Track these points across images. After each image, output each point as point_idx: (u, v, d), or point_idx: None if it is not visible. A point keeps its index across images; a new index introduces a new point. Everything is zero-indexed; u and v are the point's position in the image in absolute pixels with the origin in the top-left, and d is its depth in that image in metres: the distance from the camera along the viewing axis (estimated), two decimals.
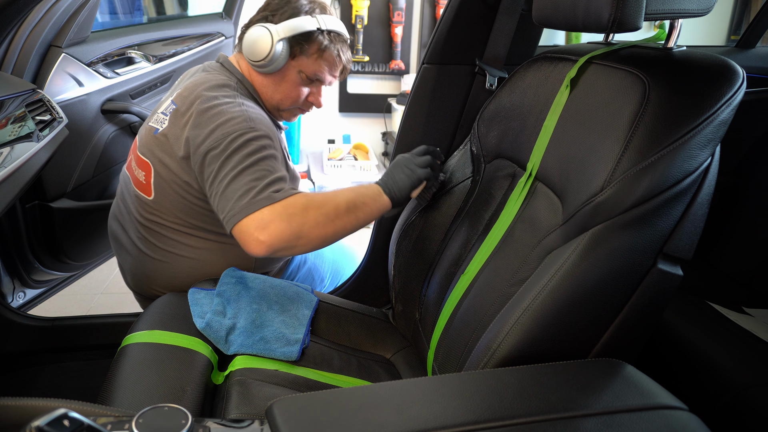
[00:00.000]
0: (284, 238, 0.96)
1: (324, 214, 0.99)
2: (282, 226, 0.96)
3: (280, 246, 0.97)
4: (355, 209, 1.03)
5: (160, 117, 1.16)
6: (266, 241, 0.96)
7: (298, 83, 1.21)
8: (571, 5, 0.77)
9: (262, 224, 0.96)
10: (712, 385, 1.04)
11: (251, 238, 0.96)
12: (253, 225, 0.96)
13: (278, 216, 0.96)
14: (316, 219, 0.98)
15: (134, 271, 1.25)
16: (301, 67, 1.19)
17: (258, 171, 1.01)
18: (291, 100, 1.23)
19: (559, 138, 0.87)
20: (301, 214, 0.98)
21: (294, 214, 0.97)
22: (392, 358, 1.17)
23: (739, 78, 0.73)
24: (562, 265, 0.73)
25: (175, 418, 0.51)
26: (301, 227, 0.97)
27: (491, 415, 0.57)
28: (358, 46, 3.34)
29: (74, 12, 1.45)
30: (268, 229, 0.95)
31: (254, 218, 0.96)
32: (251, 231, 0.96)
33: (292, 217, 0.97)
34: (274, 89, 1.21)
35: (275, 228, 0.96)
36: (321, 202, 1.00)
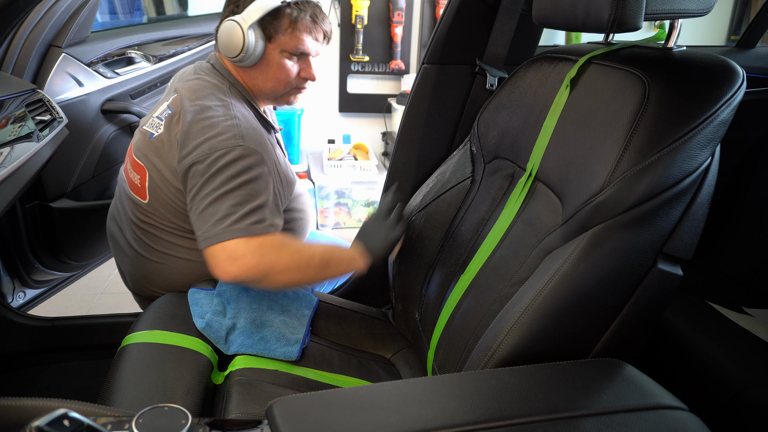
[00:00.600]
0: (251, 274, 0.98)
1: (295, 261, 1.01)
2: (252, 262, 0.98)
3: (244, 279, 0.99)
4: (327, 266, 1.05)
5: (156, 121, 1.15)
6: (232, 272, 0.98)
7: (284, 63, 1.16)
8: (571, 5, 0.77)
9: (234, 255, 0.98)
10: (712, 385, 1.04)
11: (219, 264, 0.99)
12: (225, 254, 0.98)
13: (251, 251, 0.98)
14: (287, 264, 1.00)
15: (132, 273, 1.25)
16: (281, 47, 1.15)
17: (240, 196, 1.01)
18: (284, 83, 1.19)
19: (559, 138, 0.87)
20: (274, 255, 1.00)
21: (266, 254, 0.99)
22: (392, 358, 1.17)
23: (739, 78, 0.73)
24: (562, 265, 0.73)
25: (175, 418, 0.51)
26: (270, 268, 0.99)
27: (491, 415, 0.57)
28: (358, 46, 3.34)
29: (74, 12, 1.45)
30: (237, 261, 0.97)
31: (227, 247, 0.98)
32: (221, 258, 0.98)
33: (264, 256, 0.99)
34: (263, 79, 1.18)
35: (244, 262, 0.97)
36: (295, 249, 1.02)
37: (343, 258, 1.08)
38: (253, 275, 0.99)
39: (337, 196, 3.02)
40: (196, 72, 1.20)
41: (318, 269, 1.04)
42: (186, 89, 1.13)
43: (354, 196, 3.03)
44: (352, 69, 3.41)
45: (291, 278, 1.02)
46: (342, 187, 3.01)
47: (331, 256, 1.06)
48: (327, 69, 3.43)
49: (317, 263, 1.04)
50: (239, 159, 1.03)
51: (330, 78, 3.45)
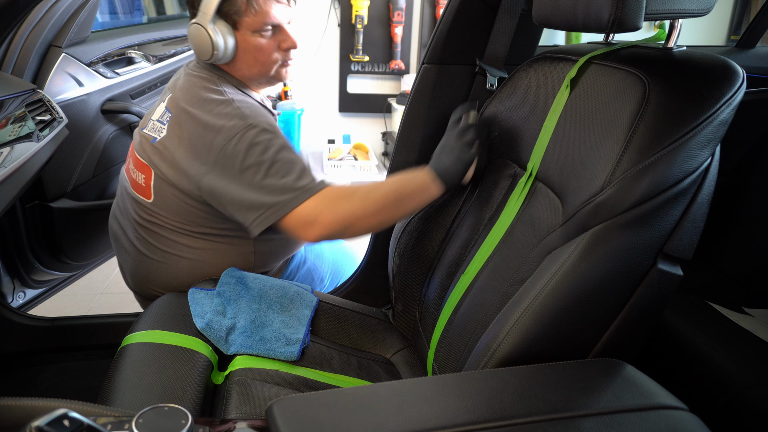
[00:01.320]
0: (333, 228, 0.99)
1: (369, 204, 1.00)
2: (329, 218, 0.99)
3: (329, 236, 1.00)
4: (402, 200, 1.02)
5: (157, 125, 1.15)
6: (315, 234, 1.00)
7: (260, 43, 1.13)
8: (572, 5, 0.77)
9: (308, 219, 0.99)
10: (712, 385, 1.04)
11: (300, 233, 1.00)
12: (300, 221, 1.00)
13: (322, 209, 0.99)
14: (362, 209, 1.00)
15: (134, 272, 1.25)
16: (250, 29, 1.11)
17: (280, 168, 1.02)
18: (268, 63, 1.17)
19: (560, 138, 0.87)
20: (346, 204, 0.99)
21: (338, 205, 0.99)
22: (392, 358, 1.17)
23: (739, 78, 0.73)
24: (562, 265, 0.73)
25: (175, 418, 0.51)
26: (348, 218, 0.99)
27: (491, 415, 0.57)
28: (358, 46, 3.34)
29: (74, 12, 1.45)
30: (315, 223, 0.99)
31: (298, 215, 0.99)
32: (299, 227, 1.00)
33: (337, 208, 0.99)
34: (247, 66, 1.16)
35: (322, 221, 0.99)
36: (365, 193, 1.01)
37: (416, 188, 1.03)
38: (336, 229, 0.99)
39: None
40: (186, 71, 1.20)
41: (394, 206, 1.02)
42: (180, 89, 1.13)
43: None
44: (352, 69, 3.41)
45: (371, 222, 1.01)
46: None
47: (403, 189, 1.03)
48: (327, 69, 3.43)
49: (392, 200, 1.01)
50: (256, 136, 1.03)
51: (330, 78, 3.45)
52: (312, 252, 1.45)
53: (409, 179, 1.04)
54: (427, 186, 1.03)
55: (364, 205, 1.00)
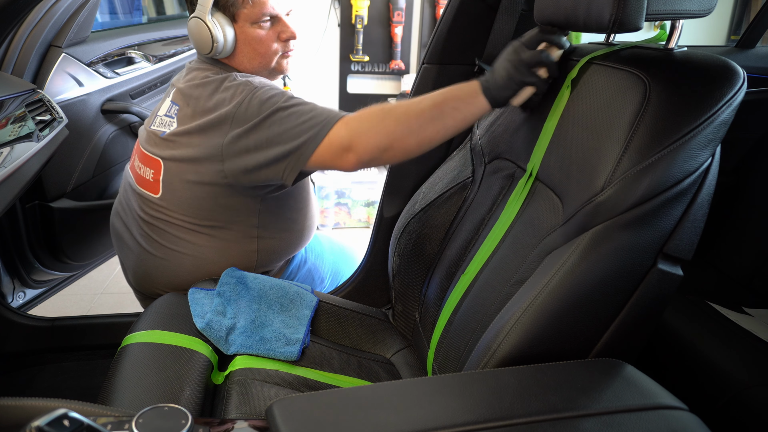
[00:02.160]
0: (371, 151, 0.94)
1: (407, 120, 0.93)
2: (364, 140, 0.94)
3: (370, 160, 0.95)
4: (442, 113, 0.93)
5: (165, 120, 1.15)
6: (353, 160, 0.95)
7: (259, 35, 1.13)
8: (572, 5, 0.77)
9: (343, 144, 0.95)
10: (712, 385, 1.04)
11: (339, 162, 0.97)
12: (334, 149, 0.96)
13: (356, 132, 0.95)
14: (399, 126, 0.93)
15: (135, 269, 1.25)
16: (248, 20, 1.11)
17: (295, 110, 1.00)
18: (268, 54, 1.16)
19: (560, 138, 0.87)
20: (380, 124, 0.94)
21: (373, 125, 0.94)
22: (392, 358, 1.17)
23: (739, 78, 0.73)
24: (562, 265, 0.73)
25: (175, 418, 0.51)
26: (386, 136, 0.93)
27: (491, 415, 0.57)
28: (358, 46, 3.34)
29: (74, 12, 1.45)
30: (352, 147, 0.95)
31: (331, 142, 0.96)
32: (335, 156, 0.97)
33: (371, 128, 0.94)
34: (248, 59, 1.16)
35: (359, 143, 0.94)
36: (399, 108, 0.94)
37: (460, 99, 0.92)
38: (374, 152, 0.94)
39: (337, 196, 3.02)
40: (189, 67, 1.21)
41: (436, 120, 0.92)
42: (184, 82, 1.14)
43: (354, 196, 3.03)
44: (352, 69, 3.41)
45: (411, 142, 0.94)
46: (342, 187, 3.00)
47: (444, 101, 0.93)
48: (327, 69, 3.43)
49: (434, 114, 0.92)
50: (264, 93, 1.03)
51: (330, 78, 3.45)
52: (312, 252, 1.45)
53: (452, 89, 0.94)
54: (472, 98, 0.92)
55: (402, 122, 0.93)
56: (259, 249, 1.20)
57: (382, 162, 0.98)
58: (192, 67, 1.19)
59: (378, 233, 1.40)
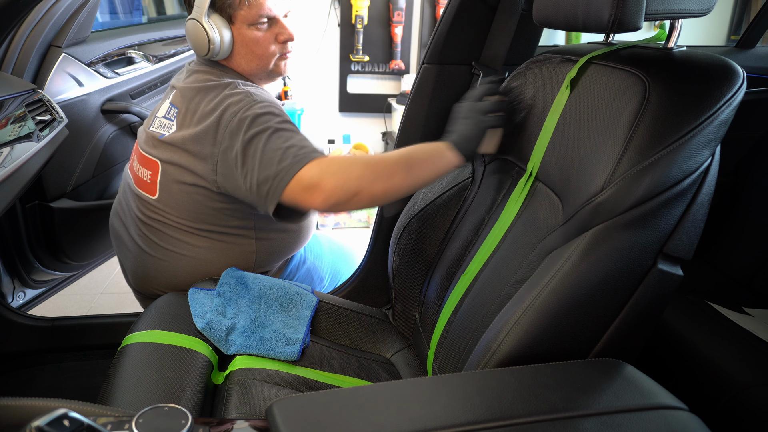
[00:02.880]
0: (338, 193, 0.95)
1: (375, 169, 0.95)
2: (332, 181, 0.95)
3: (336, 202, 0.96)
4: (411, 165, 0.96)
5: (164, 122, 1.15)
6: (319, 199, 0.95)
7: (256, 37, 1.13)
8: (572, 5, 0.77)
9: (310, 184, 0.96)
10: (712, 386, 1.04)
11: (304, 200, 0.97)
12: (302, 186, 0.96)
13: (325, 173, 0.95)
14: (368, 173, 0.95)
15: (134, 269, 1.25)
16: (245, 22, 1.11)
17: (284, 134, 1.01)
18: (266, 56, 1.16)
19: (560, 138, 0.87)
20: (349, 169, 0.95)
21: (341, 170, 0.95)
22: (392, 358, 1.17)
23: (739, 78, 0.73)
24: (562, 265, 0.73)
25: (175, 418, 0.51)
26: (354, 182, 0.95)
27: (491, 415, 0.57)
28: (358, 46, 3.34)
29: (74, 12, 1.45)
30: (318, 187, 0.95)
31: (300, 179, 0.96)
32: (302, 193, 0.97)
33: (338, 173, 0.95)
34: (246, 61, 1.16)
35: (325, 185, 0.95)
36: (369, 158, 0.97)
37: (429, 155, 0.97)
38: (341, 195, 0.95)
39: None
40: (189, 68, 1.20)
41: (404, 172, 0.96)
42: (184, 84, 1.14)
43: None
44: (352, 69, 3.41)
45: (378, 190, 0.95)
46: None
47: (414, 155, 0.97)
48: (327, 69, 3.43)
49: (402, 166, 0.96)
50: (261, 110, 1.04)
51: (330, 78, 3.45)
52: (312, 252, 1.45)
53: (422, 147, 0.99)
54: (441, 153, 0.97)
55: (371, 170, 0.95)
56: (258, 250, 1.20)
57: (349, 207, 0.99)
58: (192, 69, 1.19)
59: (378, 233, 1.40)
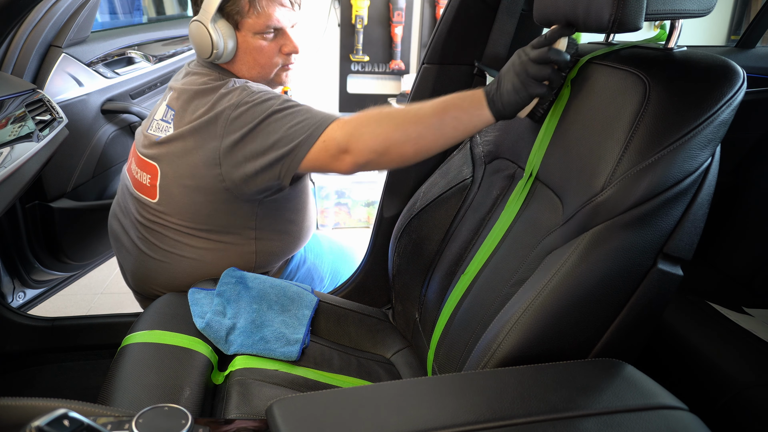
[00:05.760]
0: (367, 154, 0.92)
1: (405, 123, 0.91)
2: (361, 143, 0.92)
3: (366, 162, 0.93)
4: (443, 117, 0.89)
5: (161, 125, 1.15)
6: (349, 161, 0.93)
7: (261, 45, 1.13)
8: (572, 5, 0.77)
9: (339, 146, 0.93)
10: (712, 386, 1.04)
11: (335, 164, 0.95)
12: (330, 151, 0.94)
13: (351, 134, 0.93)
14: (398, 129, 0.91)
15: (134, 271, 1.25)
16: (251, 30, 1.11)
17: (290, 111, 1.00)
18: (268, 66, 1.16)
19: (560, 138, 0.87)
20: (376, 125, 0.92)
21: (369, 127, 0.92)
22: (392, 358, 1.17)
23: (739, 78, 0.73)
24: (562, 265, 0.73)
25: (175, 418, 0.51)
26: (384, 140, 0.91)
27: (491, 415, 0.57)
28: (358, 46, 3.34)
29: (74, 12, 1.45)
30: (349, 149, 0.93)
31: (326, 143, 0.94)
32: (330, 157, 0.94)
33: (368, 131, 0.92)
34: (247, 68, 1.16)
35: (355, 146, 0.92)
36: (396, 111, 0.92)
37: (463, 109, 0.89)
38: (371, 155, 0.92)
39: (337, 195, 3.02)
40: (187, 70, 1.20)
41: (436, 128, 0.90)
42: (182, 85, 1.14)
43: (354, 196, 3.03)
44: (352, 69, 3.41)
45: (409, 148, 0.91)
46: (342, 187, 3.00)
47: (446, 109, 0.90)
48: (327, 69, 3.43)
49: (434, 121, 0.89)
50: (261, 98, 1.03)
51: (330, 78, 3.45)
52: (312, 252, 1.45)
53: (455, 98, 0.91)
54: (477, 110, 0.89)
55: (400, 128, 0.91)
56: (258, 251, 1.20)
57: (378, 166, 0.96)
58: (191, 70, 1.18)
59: (378, 233, 1.40)
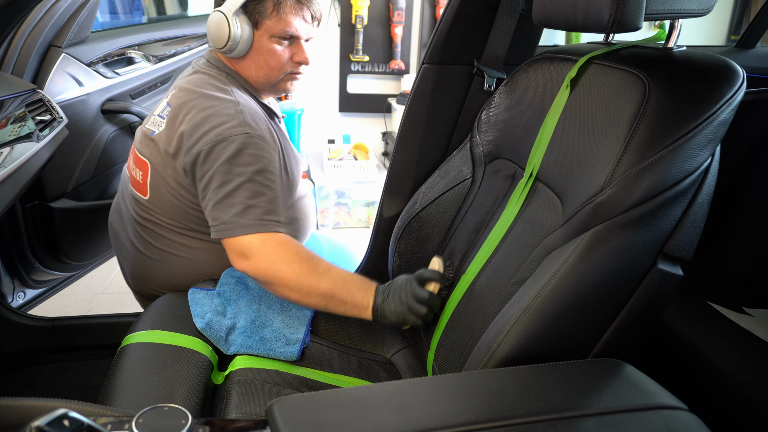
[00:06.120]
0: (258, 275, 1.02)
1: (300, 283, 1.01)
2: (261, 265, 1.01)
3: (252, 276, 1.04)
4: (330, 299, 1.03)
5: (157, 120, 1.15)
6: (242, 267, 1.03)
7: (274, 49, 1.15)
8: (571, 5, 0.77)
9: (246, 253, 1.02)
10: (712, 386, 1.04)
11: (232, 257, 1.04)
12: (238, 248, 1.02)
13: (262, 254, 1.01)
14: (291, 282, 1.01)
15: (133, 270, 1.25)
16: (269, 32, 1.13)
17: (253, 187, 1.03)
18: (277, 69, 1.18)
19: (560, 138, 0.87)
20: (282, 267, 1.01)
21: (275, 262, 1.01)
22: (392, 358, 1.17)
23: (739, 78, 0.73)
24: (562, 265, 0.73)
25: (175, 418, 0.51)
26: (275, 278, 1.01)
27: (491, 415, 0.57)
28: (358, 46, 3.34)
29: (74, 12, 1.45)
30: (248, 260, 1.02)
31: (241, 242, 1.02)
32: (234, 252, 1.03)
33: (272, 263, 1.01)
34: (256, 67, 1.17)
35: (254, 263, 1.02)
36: (305, 270, 1.02)
37: (350, 301, 1.04)
38: (260, 277, 1.03)
39: (337, 196, 3.02)
40: (193, 68, 1.20)
41: (321, 299, 1.03)
42: (184, 84, 1.14)
43: (354, 196, 3.03)
44: (352, 69, 3.41)
45: (292, 297, 1.03)
46: (342, 187, 3.00)
47: (339, 292, 1.03)
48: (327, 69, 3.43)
49: (324, 294, 1.02)
50: (247, 147, 1.04)
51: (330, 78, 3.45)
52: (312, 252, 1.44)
53: (350, 288, 1.04)
54: (362, 309, 1.04)
55: (298, 285, 1.01)
56: None
57: (263, 286, 1.07)
58: (198, 68, 1.19)
59: (378, 233, 1.40)
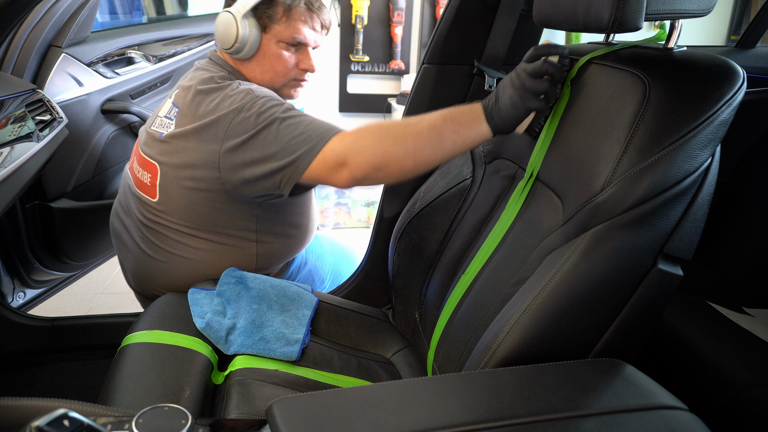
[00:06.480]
0: (365, 168, 0.93)
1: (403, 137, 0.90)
2: (359, 157, 0.92)
3: (364, 177, 0.94)
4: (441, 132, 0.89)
5: (164, 121, 1.15)
6: (346, 176, 0.94)
7: (281, 54, 1.15)
8: (572, 5, 0.77)
9: (337, 160, 0.94)
10: (712, 386, 1.04)
11: (333, 177, 0.96)
12: (328, 164, 0.95)
13: (350, 147, 0.94)
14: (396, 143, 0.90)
15: (135, 270, 1.25)
16: (277, 37, 1.13)
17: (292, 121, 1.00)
18: (282, 75, 1.18)
19: (560, 138, 0.87)
20: (375, 140, 0.92)
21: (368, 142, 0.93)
22: (392, 358, 1.17)
23: (739, 78, 0.73)
24: (562, 265, 0.73)
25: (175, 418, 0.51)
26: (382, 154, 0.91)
27: (491, 415, 0.57)
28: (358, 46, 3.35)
29: (74, 12, 1.45)
30: (348, 160, 0.93)
31: (325, 157, 0.95)
32: (328, 171, 0.95)
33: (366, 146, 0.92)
34: (261, 71, 1.17)
35: (353, 160, 0.93)
36: (394, 125, 0.92)
37: (461, 121, 0.89)
38: (368, 170, 0.92)
39: (337, 195, 3.02)
40: (196, 67, 1.20)
41: (435, 143, 0.89)
42: (188, 82, 1.14)
43: (354, 196, 3.04)
44: (352, 69, 3.41)
45: (407, 164, 0.91)
46: None
47: (445, 124, 0.90)
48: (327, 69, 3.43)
49: (432, 137, 0.89)
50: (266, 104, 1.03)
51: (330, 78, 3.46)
52: (313, 253, 1.45)
53: (453, 112, 0.91)
54: (476, 125, 0.89)
55: (399, 143, 0.91)
56: (259, 253, 1.20)
57: (376, 180, 0.96)
58: (200, 66, 1.19)
59: (378, 233, 1.40)
